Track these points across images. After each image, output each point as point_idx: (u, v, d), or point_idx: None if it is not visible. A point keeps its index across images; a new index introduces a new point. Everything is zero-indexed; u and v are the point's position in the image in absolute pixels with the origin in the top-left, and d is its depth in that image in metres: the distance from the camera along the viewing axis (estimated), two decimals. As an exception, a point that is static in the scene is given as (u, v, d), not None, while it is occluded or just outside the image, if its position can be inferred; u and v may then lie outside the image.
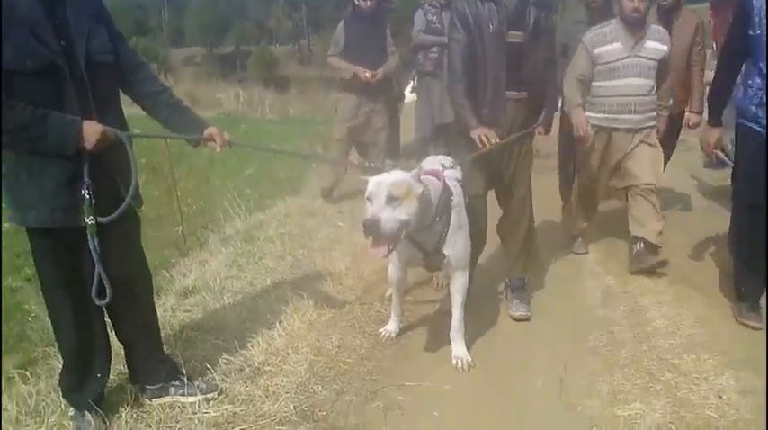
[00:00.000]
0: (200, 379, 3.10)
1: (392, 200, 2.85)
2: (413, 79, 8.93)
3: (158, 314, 3.17)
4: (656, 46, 4.45)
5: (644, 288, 4.28)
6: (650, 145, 4.59)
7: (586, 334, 3.67)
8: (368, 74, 6.22)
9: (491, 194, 3.98)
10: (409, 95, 9.34)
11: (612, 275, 4.52)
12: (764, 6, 3.37)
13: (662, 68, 4.51)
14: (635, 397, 3.02)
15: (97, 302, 2.63)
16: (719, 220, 5.37)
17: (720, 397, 2.98)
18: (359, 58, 6.29)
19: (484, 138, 3.60)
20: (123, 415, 2.86)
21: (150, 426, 2.82)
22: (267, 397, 3.03)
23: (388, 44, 6.57)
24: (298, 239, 5.32)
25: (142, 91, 2.86)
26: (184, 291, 4.24)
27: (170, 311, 3.90)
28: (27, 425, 2.81)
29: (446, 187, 3.22)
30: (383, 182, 2.89)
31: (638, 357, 3.38)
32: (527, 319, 3.89)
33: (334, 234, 5.47)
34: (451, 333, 3.41)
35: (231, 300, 4.12)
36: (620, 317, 3.89)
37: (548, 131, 4.14)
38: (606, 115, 4.55)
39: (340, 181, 6.67)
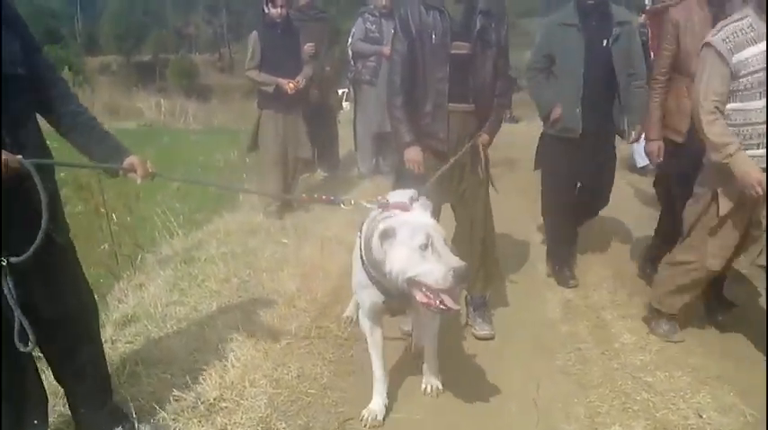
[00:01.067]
0: (149, 420, 2.82)
1: (446, 242, 2.59)
2: (347, 88, 8.80)
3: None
4: None
5: (604, 301, 4.21)
6: None
7: (553, 352, 3.58)
8: (290, 84, 5.98)
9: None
10: (345, 104, 9.18)
11: (570, 288, 4.43)
12: None
13: None
14: (613, 419, 2.91)
15: (21, 349, 2.25)
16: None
17: (700, 416, 2.90)
18: (278, 70, 6.03)
19: (414, 166, 3.54)
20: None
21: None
22: (226, 438, 2.77)
23: (303, 52, 6.35)
24: (242, 259, 5.01)
25: (57, 111, 2.52)
26: (123, 320, 3.89)
27: (109, 343, 3.55)
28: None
29: None
30: (429, 224, 2.58)
31: (611, 376, 3.29)
32: (491, 338, 3.76)
33: (279, 252, 5.18)
34: (425, 362, 3.22)
35: (176, 328, 3.81)
36: (585, 333, 3.80)
37: (491, 139, 3.93)
38: None
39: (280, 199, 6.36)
